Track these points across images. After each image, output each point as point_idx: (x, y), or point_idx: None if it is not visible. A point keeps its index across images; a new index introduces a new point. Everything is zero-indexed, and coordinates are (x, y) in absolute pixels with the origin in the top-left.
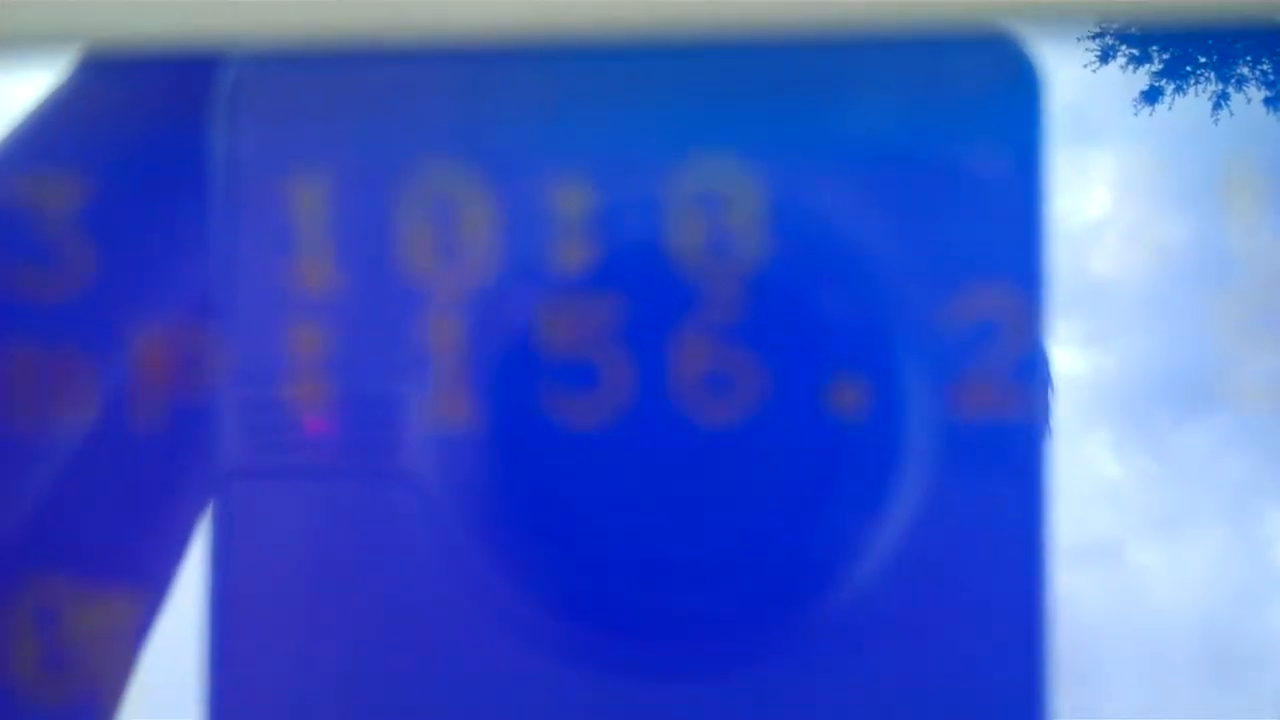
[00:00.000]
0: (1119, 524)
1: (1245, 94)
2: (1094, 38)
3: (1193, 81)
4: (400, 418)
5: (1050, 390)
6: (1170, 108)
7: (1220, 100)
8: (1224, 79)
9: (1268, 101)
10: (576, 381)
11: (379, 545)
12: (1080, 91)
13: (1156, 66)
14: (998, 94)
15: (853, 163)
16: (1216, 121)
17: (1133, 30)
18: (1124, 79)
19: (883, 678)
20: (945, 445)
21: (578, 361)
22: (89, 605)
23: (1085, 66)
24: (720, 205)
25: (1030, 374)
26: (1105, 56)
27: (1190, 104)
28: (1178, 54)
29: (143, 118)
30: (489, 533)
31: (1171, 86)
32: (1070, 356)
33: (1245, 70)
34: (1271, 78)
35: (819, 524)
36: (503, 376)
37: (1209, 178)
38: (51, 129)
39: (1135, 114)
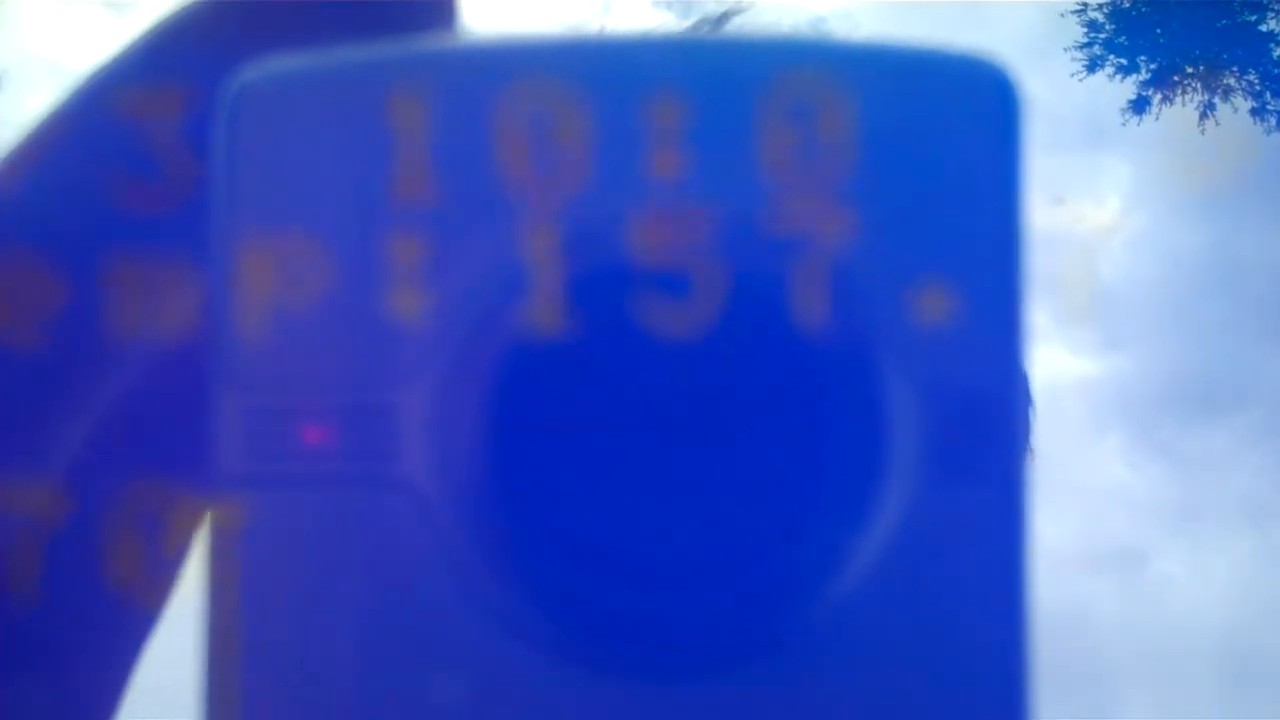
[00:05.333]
0: (1134, 526)
1: (1232, 104)
2: (1081, 47)
3: (1180, 91)
4: (499, 324)
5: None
6: (1158, 117)
7: (1208, 110)
8: (1210, 89)
9: (1253, 112)
10: (670, 290)
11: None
12: (1077, 102)
13: (1144, 76)
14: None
15: None
16: (1204, 131)
17: (1122, 41)
18: (1114, 89)
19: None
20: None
21: (671, 271)
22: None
23: (1074, 76)
24: (811, 119)
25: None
26: (1093, 66)
27: (1179, 113)
28: (1165, 64)
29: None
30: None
31: (1160, 96)
32: (1085, 363)
33: (1232, 81)
34: (1258, 88)
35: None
36: (597, 285)
37: (1212, 185)
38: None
39: (1124, 124)
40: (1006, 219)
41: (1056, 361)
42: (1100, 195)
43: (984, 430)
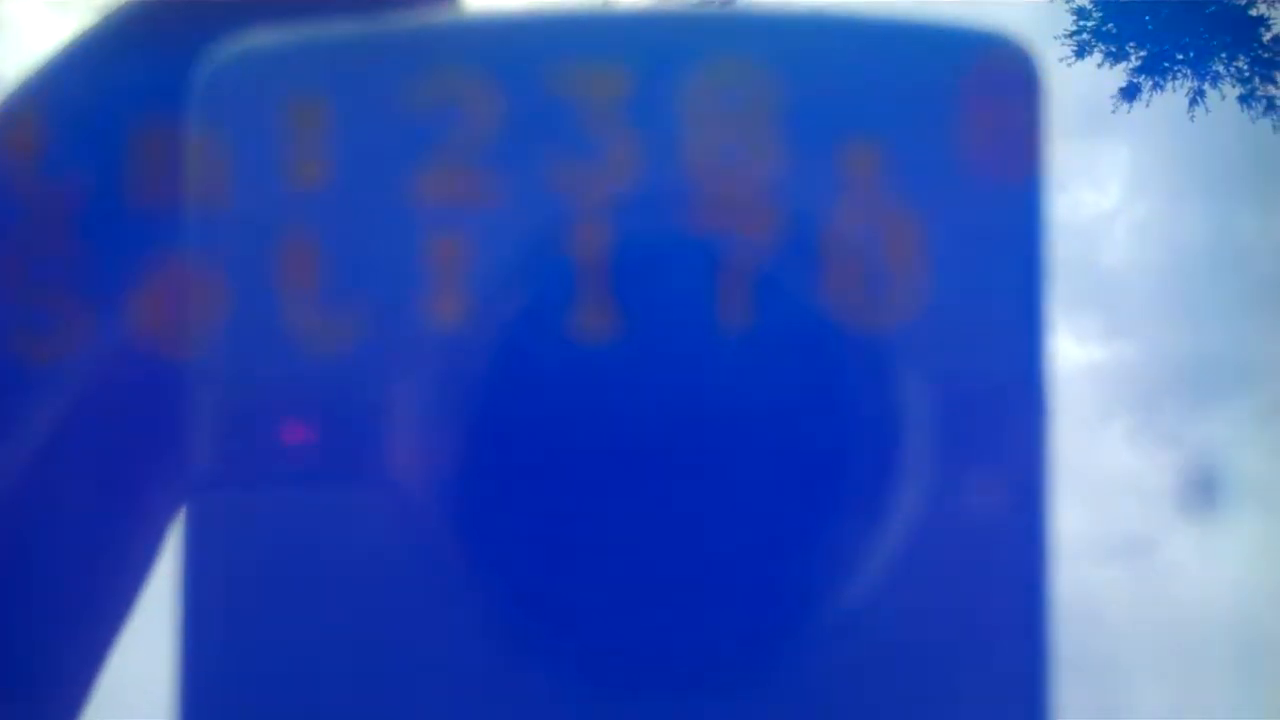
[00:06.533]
0: (1141, 513)
1: (1220, 90)
2: (1071, 35)
3: (1170, 78)
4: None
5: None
6: (1148, 104)
7: (1197, 97)
8: (1201, 76)
9: (1242, 99)
10: (675, 283)
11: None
12: (1077, 88)
13: (1135, 63)
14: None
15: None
16: (1193, 119)
17: (1109, 28)
18: (1106, 76)
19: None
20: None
21: (675, 263)
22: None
23: (1062, 61)
24: (825, 96)
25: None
26: (1081, 52)
27: (1170, 99)
28: (1155, 51)
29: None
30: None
31: (1151, 83)
32: (1089, 350)
33: (1220, 68)
34: (1247, 74)
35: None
36: (596, 279)
37: (1216, 171)
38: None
39: (1114, 111)
40: (1027, 202)
41: (1061, 349)
42: (1101, 181)
43: (1004, 424)
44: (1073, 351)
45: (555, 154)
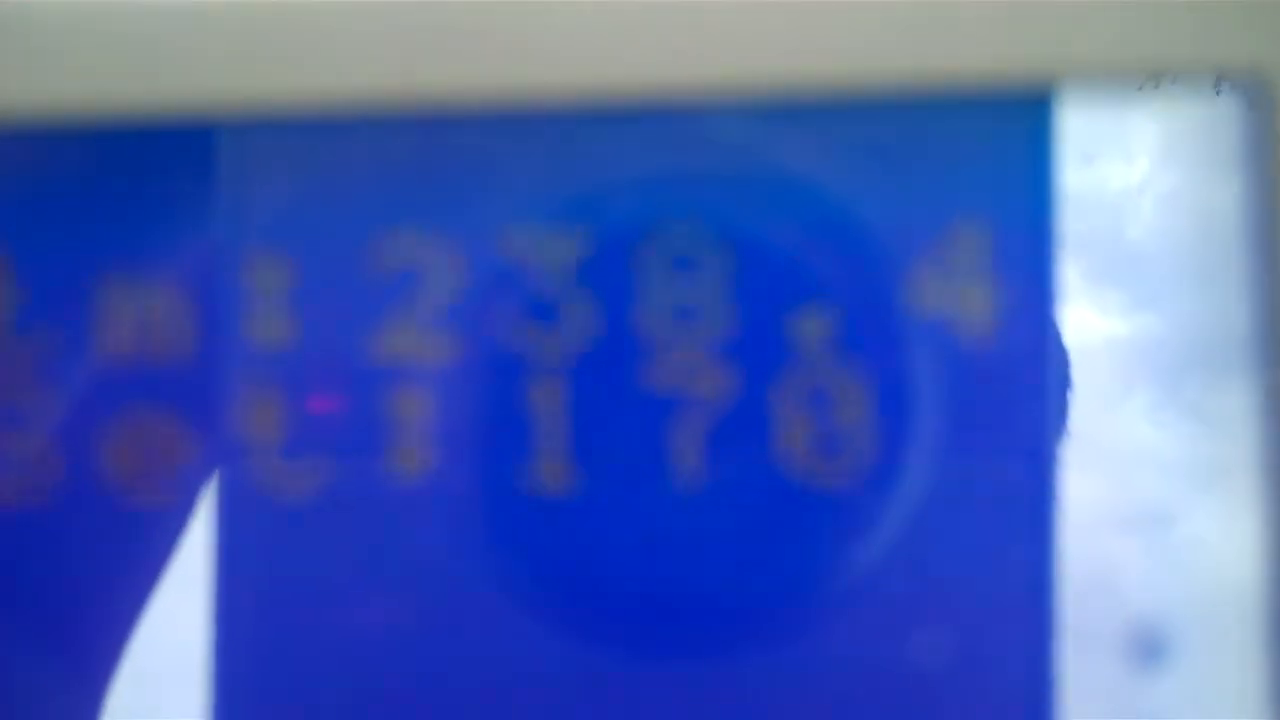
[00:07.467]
0: (1161, 487)
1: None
2: None
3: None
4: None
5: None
6: (1175, 80)
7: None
8: None
9: None
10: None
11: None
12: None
13: None
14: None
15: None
16: (1219, 92)
17: None
18: None
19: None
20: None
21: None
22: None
23: None
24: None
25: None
26: None
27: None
28: None
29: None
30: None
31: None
32: (1112, 323)
33: None
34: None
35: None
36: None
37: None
38: None
39: (1140, 88)
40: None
41: (1084, 322)
42: (1129, 154)
43: (1014, 401)
44: (1095, 324)
45: (515, 314)
